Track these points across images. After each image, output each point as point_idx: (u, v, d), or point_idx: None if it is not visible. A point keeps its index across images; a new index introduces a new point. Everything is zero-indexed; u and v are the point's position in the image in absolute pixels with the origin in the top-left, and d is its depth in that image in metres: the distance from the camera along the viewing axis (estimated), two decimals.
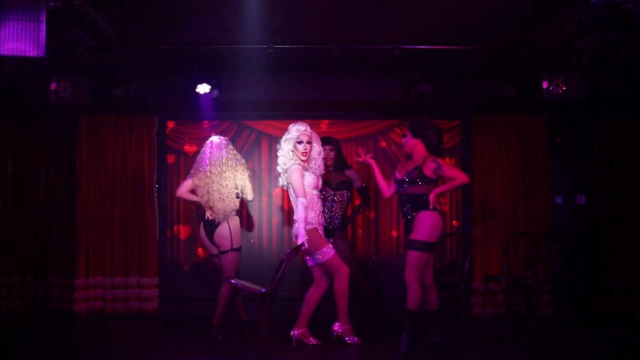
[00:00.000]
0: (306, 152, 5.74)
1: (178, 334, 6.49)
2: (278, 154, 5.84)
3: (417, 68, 6.98)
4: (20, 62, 5.61)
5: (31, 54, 4.54)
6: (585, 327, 6.73)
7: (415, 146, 5.58)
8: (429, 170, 5.44)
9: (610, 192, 7.54)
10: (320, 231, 5.77)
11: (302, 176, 5.67)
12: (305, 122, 5.93)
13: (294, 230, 5.62)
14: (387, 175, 6.05)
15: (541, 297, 7.18)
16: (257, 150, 7.89)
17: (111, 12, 5.63)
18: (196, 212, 7.86)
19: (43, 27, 4.54)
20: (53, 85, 6.60)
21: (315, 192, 5.76)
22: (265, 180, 7.84)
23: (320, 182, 5.89)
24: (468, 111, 7.69)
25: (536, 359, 5.41)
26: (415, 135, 5.58)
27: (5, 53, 4.54)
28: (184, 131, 7.86)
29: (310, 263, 5.80)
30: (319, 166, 5.88)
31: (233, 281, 5.58)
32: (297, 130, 5.77)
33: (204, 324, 6.86)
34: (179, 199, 7.81)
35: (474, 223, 7.60)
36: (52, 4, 4.66)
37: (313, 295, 5.81)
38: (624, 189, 7.57)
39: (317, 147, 5.84)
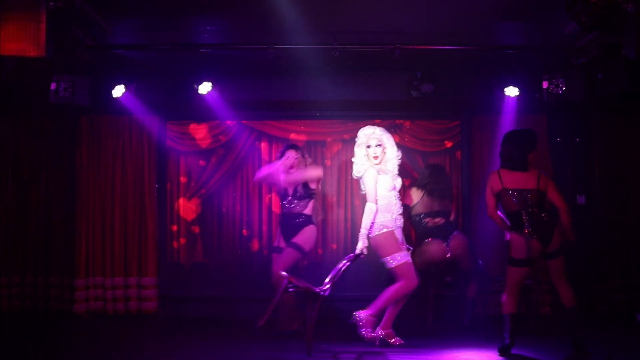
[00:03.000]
0: (377, 156, 5.78)
1: (178, 334, 6.49)
2: (353, 160, 5.94)
3: (417, 68, 6.98)
4: (20, 62, 5.63)
5: (31, 54, 4.54)
6: (585, 327, 6.72)
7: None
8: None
9: (610, 192, 7.54)
10: (398, 234, 5.75)
11: (376, 180, 5.71)
12: (373, 123, 6.07)
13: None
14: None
15: (541, 297, 7.18)
16: (257, 150, 7.89)
17: (111, 12, 5.64)
18: (195, 212, 7.88)
19: (43, 27, 4.54)
20: (53, 85, 6.61)
21: (394, 194, 5.77)
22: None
23: (397, 183, 5.88)
24: (468, 111, 7.69)
25: (536, 359, 5.41)
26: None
27: (5, 53, 4.54)
28: (184, 131, 7.86)
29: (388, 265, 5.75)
30: (395, 168, 5.86)
31: (284, 273, 5.62)
32: (364, 135, 5.85)
33: (204, 324, 6.87)
34: (178, 198, 7.86)
35: (474, 223, 7.59)
36: (52, 4, 4.67)
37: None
38: (624, 189, 7.57)
39: (390, 149, 5.84)
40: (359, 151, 5.87)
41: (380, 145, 5.80)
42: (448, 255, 6.60)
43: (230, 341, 6.04)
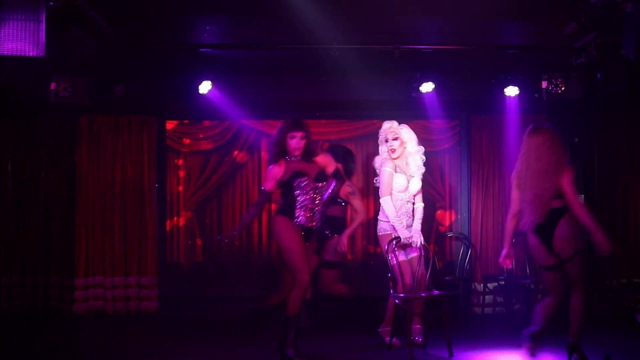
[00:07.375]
0: (394, 149, 5.62)
1: (178, 334, 6.49)
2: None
3: (417, 68, 6.98)
4: (20, 62, 5.62)
5: (31, 54, 4.54)
6: (585, 327, 6.72)
7: None
8: None
9: (610, 192, 7.54)
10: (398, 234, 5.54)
11: (392, 175, 5.57)
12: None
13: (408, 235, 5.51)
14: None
15: (540, 297, 7.19)
16: (257, 150, 7.90)
17: (111, 12, 5.64)
18: (195, 212, 7.88)
19: (43, 27, 4.54)
20: (53, 85, 6.61)
21: (404, 196, 5.61)
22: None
23: (413, 186, 5.67)
24: (467, 111, 7.69)
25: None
26: None
27: (5, 53, 4.54)
28: (184, 131, 7.87)
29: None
30: (416, 167, 5.69)
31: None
32: (382, 130, 5.74)
33: (204, 324, 6.87)
34: (178, 198, 7.87)
35: (473, 223, 7.60)
36: (52, 3, 4.66)
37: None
38: (623, 189, 7.57)
39: (410, 144, 5.69)
40: (382, 148, 5.76)
41: (397, 138, 5.64)
42: None
43: (230, 341, 6.04)
